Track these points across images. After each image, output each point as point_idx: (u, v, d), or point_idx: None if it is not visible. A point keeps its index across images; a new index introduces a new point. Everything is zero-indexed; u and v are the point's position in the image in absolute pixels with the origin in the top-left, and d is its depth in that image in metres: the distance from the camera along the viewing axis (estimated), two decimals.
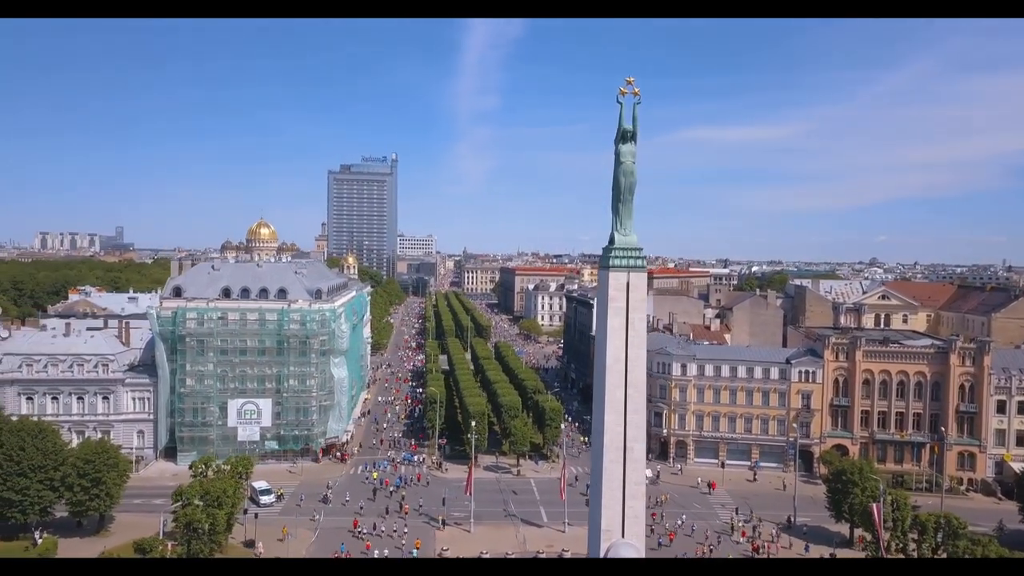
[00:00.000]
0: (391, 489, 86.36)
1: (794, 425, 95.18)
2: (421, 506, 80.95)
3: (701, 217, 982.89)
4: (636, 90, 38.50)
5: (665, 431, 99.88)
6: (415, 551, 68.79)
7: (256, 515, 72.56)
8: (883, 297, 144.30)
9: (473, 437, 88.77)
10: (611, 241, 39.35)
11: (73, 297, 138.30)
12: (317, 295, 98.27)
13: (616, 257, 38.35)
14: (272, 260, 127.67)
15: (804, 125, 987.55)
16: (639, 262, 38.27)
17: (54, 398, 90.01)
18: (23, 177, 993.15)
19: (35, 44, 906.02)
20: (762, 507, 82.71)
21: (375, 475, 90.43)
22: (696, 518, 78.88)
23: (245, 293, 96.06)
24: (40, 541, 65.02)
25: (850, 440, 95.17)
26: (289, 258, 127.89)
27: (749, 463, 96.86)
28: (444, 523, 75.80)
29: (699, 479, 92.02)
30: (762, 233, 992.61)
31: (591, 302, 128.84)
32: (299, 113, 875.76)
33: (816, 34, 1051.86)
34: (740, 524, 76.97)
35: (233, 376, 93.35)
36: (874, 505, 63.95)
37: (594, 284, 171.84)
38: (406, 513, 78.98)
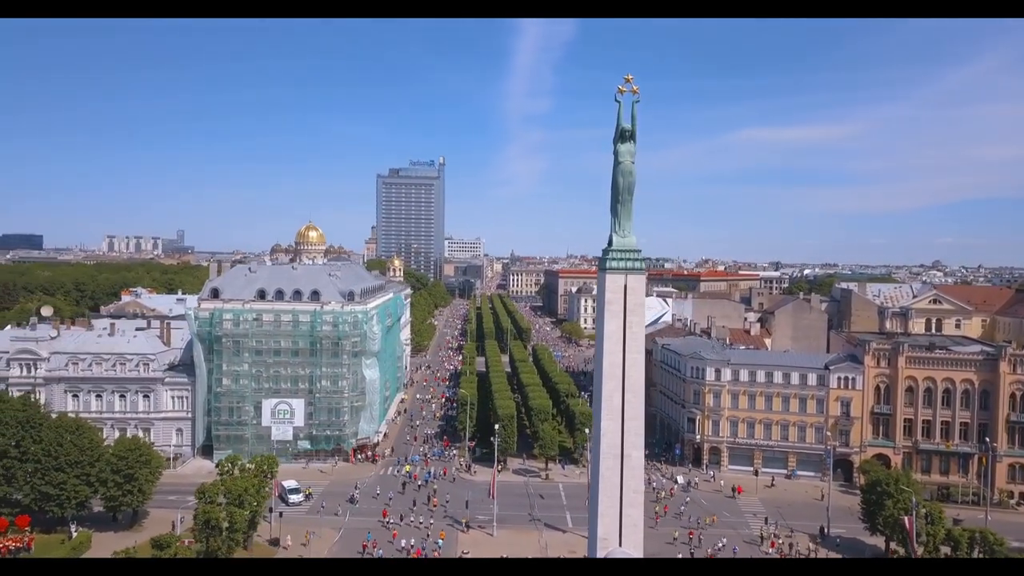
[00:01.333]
0: (419, 484, 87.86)
1: (828, 434, 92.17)
2: (448, 502, 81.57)
3: (755, 219, 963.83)
4: (635, 88, 37.90)
5: (699, 437, 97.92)
6: (440, 542, 69.89)
7: (281, 514, 73.81)
8: (934, 301, 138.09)
9: (497, 440, 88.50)
10: (609, 243, 38.61)
11: (125, 298, 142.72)
12: (349, 297, 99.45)
13: (613, 259, 37.59)
14: (310, 262, 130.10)
15: (862, 124, 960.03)
16: (637, 264, 37.47)
17: (98, 396, 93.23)
18: (96, 181, 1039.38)
19: (100, 49, 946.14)
20: (795, 517, 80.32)
21: (407, 468, 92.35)
22: (725, 527, 76.99)
23: (280, 295, 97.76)
24: (75, 535, 67.38)
25: (892, 449, 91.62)
26: (326, 260, 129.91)
27: (785, 471, 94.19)
28: (468, 526, 75.87)
29: (722, 482, 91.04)
30: (818, 235, 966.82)
31: None
32: (351, 115, 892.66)
33: (874, 33, 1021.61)
34: (771, 534, 74.85)
35: (267, 376, 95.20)
36: (906, 517, 61.34)
37: None
38: (435, 506, 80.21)
